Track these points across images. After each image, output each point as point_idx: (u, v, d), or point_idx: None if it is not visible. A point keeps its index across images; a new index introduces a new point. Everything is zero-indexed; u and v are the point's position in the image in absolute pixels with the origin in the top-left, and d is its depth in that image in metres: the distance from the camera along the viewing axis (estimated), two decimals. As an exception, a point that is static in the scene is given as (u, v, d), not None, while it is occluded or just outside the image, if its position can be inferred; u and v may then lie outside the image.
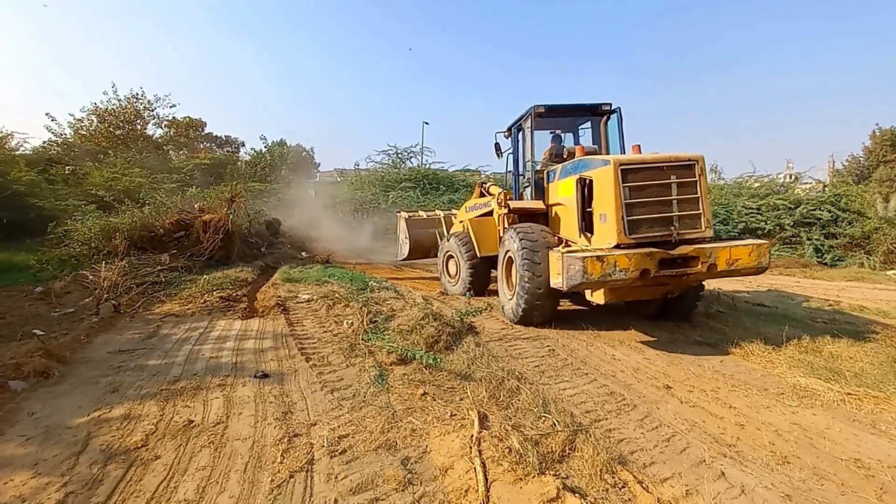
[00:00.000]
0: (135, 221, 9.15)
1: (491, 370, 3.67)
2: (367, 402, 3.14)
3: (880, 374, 3.61)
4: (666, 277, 4.32)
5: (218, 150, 36.85)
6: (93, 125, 24.54)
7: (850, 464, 2.47)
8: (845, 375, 3.61)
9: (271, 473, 2.28)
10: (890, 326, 5.24)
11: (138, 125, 27.09)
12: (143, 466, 2.34)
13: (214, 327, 5.22)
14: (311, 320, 5.65)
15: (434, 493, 2.13)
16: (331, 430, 2.74)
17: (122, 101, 25.44)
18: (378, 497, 2.10)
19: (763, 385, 3.58)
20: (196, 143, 34.56)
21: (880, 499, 2.16)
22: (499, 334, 5.15)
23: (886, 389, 3.31)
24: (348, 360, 4.04)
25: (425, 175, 23.14)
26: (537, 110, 6.01)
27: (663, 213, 4.47)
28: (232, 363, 3.96)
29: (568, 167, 5.41)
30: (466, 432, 2.65)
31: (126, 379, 3.55)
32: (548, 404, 3.04)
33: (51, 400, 3.16)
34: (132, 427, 2.75)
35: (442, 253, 8.33)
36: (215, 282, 7.45)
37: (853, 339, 4.52)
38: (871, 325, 5.27)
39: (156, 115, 27.75)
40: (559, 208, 5.70)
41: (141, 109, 26.70)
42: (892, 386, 3.36)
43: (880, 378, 3.50)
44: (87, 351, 4.25)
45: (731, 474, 2.34)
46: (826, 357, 4.08)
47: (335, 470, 2.32)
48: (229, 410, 3.01)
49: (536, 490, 2.08)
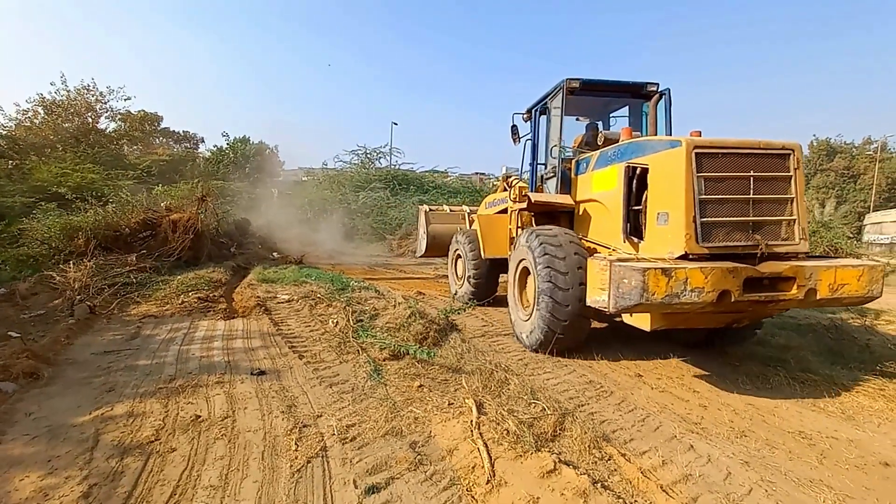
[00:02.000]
0: (99, 221, 8.82)
1: (480, 363, 3.91)
2: (367, 395, 3.31)
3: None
4: (748, 303, 3.22)
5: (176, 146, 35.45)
6: (38, 117, 23.10)
7: (796, 435, 2.88)
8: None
9: (289, 460, 2.43)
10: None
11: (90, 118, 25.72)
12: (160, 458, 2.43)
13: (198, 328, 5.20)
14: (295, 320, 5.73)
15: (444, 471, 2.35)
16: (337, 420, 2.90)
17: (72, 92, 24.07)
18: (393, 476, 2.30)
19: (720, 372, 4.02)
20: (152, 139, 33.08)
21: (821, 462, 2.55)
22: (481, 331, 5.42)
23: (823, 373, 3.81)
24: (341, 357, 4.18)
25: (395, 175, 23.23)
26: (570, 84, 4.92)
27: (746, 215, 3.40)
28: (225, 362, 4.02)
29: (609, 154, 4.40)
30: (465, 418, 2.87)
31: (119, 379, 3.55)
32: (535, 392, 3.32)
33: (45, 401, 3.14)
34: (139, 423, 2.81)
35: (450, 251, 7.73)
36: (189, 283, 7.32)
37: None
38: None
39: (109, 109, 26.41)
40: (591, 206, 4.74)
41: (93, 102, 25.35)
42: (827, 370, 3.87)
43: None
44: (70, 352, 4.18)
45: (698, 447, 2.69)
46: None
47: (349, 455, 2.50)
48: (234, 406, 3.11)
49: (536, 464, 2.34)
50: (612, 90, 5.36)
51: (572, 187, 5.11)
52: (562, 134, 5.15)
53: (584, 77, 4.94)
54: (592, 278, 3.53)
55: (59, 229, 8.54)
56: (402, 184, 22.48)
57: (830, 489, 2.27)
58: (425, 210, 9.25)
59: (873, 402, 3.42)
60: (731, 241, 3.38)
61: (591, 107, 5.64)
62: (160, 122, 34.33)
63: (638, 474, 2.35)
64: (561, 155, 5.18)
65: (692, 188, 3.33)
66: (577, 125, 5.93)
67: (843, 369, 4.08)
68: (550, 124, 5.46)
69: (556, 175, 5.28)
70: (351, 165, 25.17)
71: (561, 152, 5.16)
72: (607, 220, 4.39)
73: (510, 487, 2.18)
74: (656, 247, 3.62)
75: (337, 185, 21.96)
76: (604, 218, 4.49)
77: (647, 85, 5.20)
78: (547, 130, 5.57)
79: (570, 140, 5.58)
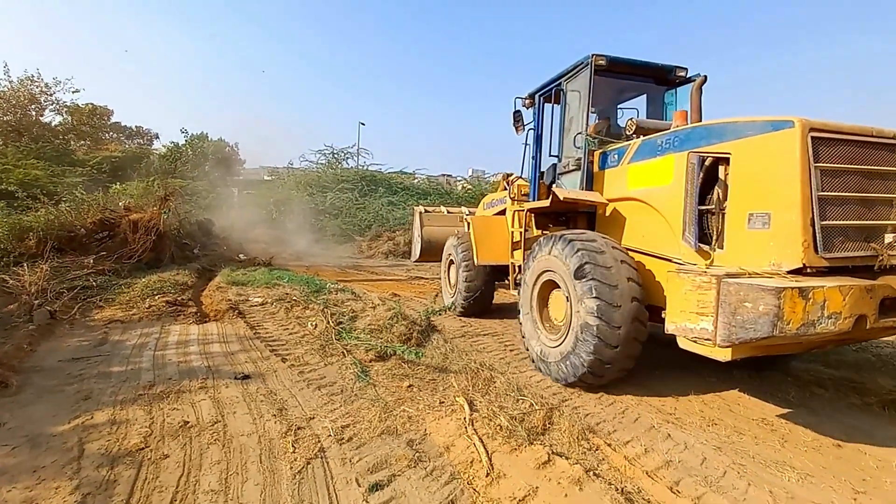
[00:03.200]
0: (52, 220, 8.33)
1: (465, 363, 4.02)
2: (357, 396, 3.34)
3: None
4: (880, 331, 2.74)
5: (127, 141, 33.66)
6: (-27, 109, 21.46)
7: (760, 422, 3.14)
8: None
9: (288, 462, 2.44)
10: None
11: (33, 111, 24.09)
12: (154, 465, 2.38)
13: (170, 332, 5.04)
14: (271, 323, 5.64)
15: (444, 466, 2.43)
16: (331, 421, 2.93)
17: (15, 83, 22.48)
18: (395, 473, 2.36)
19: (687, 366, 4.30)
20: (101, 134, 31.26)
21: (783, 445, 2.81)
22: (460, 331, 5.53)
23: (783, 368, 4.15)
24: (325, 360, 4.18)
25: (363, 176, 23.03)
26: (598, 61, 4.24)
27: (867, 218, 2.83)
28: (205, 367, 3.93)
29: (660, 142, 3.62)
30: (458, 416, 2.96)
31: (94, 386, 3.41)
32: (521, 389, 3.45)
33: (17, 410, 2.98)
34: (124, 431, 2.73)
35: (444, 256, 6.98)
36: (154, 286, 7.04)
37: None
38: None
39: (55, 101, 24.82)
40: (626, 206, 4.03)
41: (37, 93, 23.77)
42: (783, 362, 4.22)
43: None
44: (35, 360, 3.97)
45: (675, 435, 2.89)
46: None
47: (347, 455, 2.53)
48: (221, 410, 3.06)
49: (530, 456, 2.46)
50: (638, 72, 4.67)
51: (594, 184, 4.39)
52: (587, 120, 4.42)
53: (609, 55, 4.28)
54: (680, 299, 2.66)
55: (6, 229, 8.00)
56: (371, 185, 22.32)
57: (793, 469, 2.52)
58: (420, 211, 8.59)
59: (825, 391, 3.74)
60: (852, 251, 2.74)
61: (602, 93, 4.79)
62: (110, 116, 32.52)
63: (624, 462, 2.52)
64: (587, 145, 4.37)
65: (808, 182, 2.64)
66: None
67: (797, 362, 4.45)
68: (567, 110, 4.74)
69: (580, 168, 4.46)
70: (318, 165, 24.76)
71: (587, 143, 4.37)
72: (654, 222, 3.65)
73: (509, 479, 2.28)
74: (746, 257, 2.86)
75: (304, 186, 21.52)
76: (647, 220, 3.73)
77: (676, 69, 4.58)
78: (562, 118, 4.79)
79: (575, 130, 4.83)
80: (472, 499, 2.16)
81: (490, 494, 2.18)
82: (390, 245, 16.20)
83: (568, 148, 4.79)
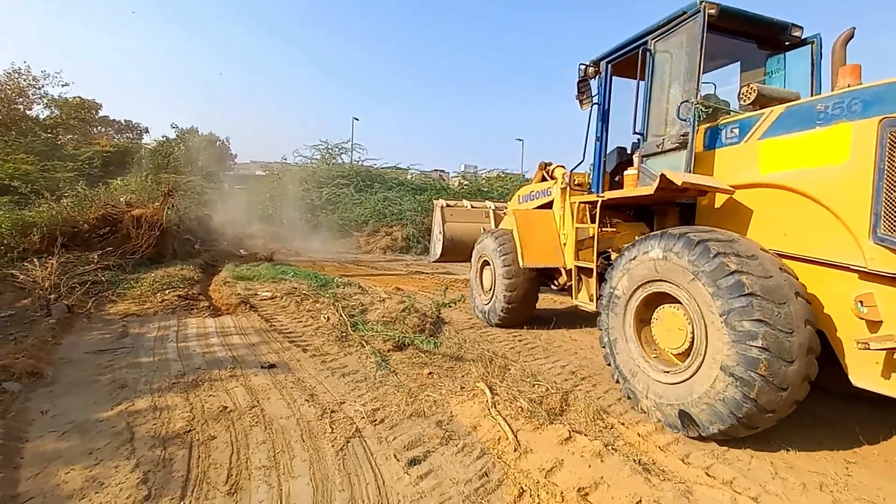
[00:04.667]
0: (55, 216, 8.35)
1: (479, 352, 4.21)
2: (381, 383, 3.52)
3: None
4: None
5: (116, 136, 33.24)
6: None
7: (757, 403, 3.38)
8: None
9: (329, 441, 2.61)
10: None
11: (20, 104, 23.70)
12: (204, 446, 2.54)
13: (187, 325, 5.16)
14: (284, 316, 5.78)
15: (473, 444, 2.62)
16: (361, 405, 3.11)
17: (2, 76, 22.11)
18: (429, 450, 2.55)
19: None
20: (90, 128, 30.83)
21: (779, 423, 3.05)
22: (468, 324, 5.72)
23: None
24: (344, 350, 4.34)
25: (358, 172, 23.07)
26: (710, 9, 3.33)
27: None
28: (230, 357, 4.07)
29: (818, 108, 2.81)
30: (480, 399, 3.16)
31: (127, 376, 3.55)
32: (535, 376, 3.67)
33: (56, 399, 3.12)
34: (168, 416, 2.88)
35: (475, 256, 6.08)
36: (163, 280, 7.13)
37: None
38: None
39: (43, 94, 24.44)
40: (754, 195, 3.18)
41: (25, 87, 23.38)
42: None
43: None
44: (61, 352, 4.08)
45: (682, 415, 3.12)
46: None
47: (383, 434, 2.72)
48: (256, 396, 3.22)
49: (553, 434, 2.67)
50: (747, 30, 3.77)
51: (700, 167, 3.47)
52: (698, 82, 3.41)
53: (721, 2, 3.39)
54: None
55: (9, 225, 8.02)
56: (366, 180, 22.38)
57: (791, 444, 2.76)
58: (441, 206, 7.77)
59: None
60: None
61: (706, 50, 3.75)
62: (99, 109, 32.07)
63: (638, 438, 2.74)
64: (697, 115, 3.40)
65: None
66: (625, 98, 4.33)
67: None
68: (656, 75, 3.80)
69: (682, 147, 3.48)
70: (312, 161, 24.75)
71: (697, 112, 3.39)
72: (808, 216, 2.81)
73: (536, 453, 2.49)
74: None
75: (300, 181, 21.51)
76: (796, 214, 2.90)
77: (792, 27, 3.74)
78: (648, 86, 3.82)
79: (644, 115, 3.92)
80: (504, 471, 2.36)
81: (520, 466, 2.38)
82: (388, 240, 16.34)
83: (656, 123, 3.81)
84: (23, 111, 23.78)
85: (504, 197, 16.08)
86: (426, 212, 17.23)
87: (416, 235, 16.29)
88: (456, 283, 9.52)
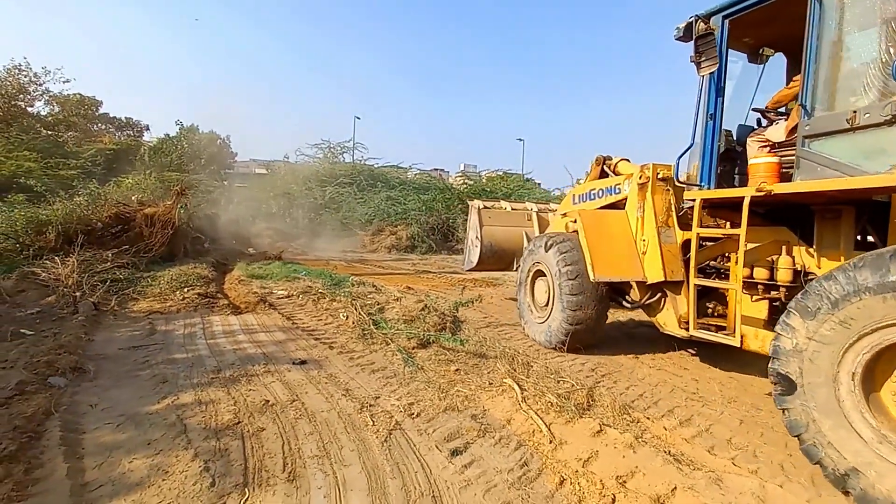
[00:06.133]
0: (70, 214, 8.44)
1: (500, 349, 4.36)
2: (412, 379, 3.66)
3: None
4: None
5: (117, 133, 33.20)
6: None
7: (772, 399, 3.54)
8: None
9: (373, 432, 2.75)
10: None
11: (21, 101, 23.69)
12: (255, 436, 2.67)
13: (212, 323, 5.29)
14: (303, 314, 5.92)
15: (509, 436, 2.77)
16: (396, 399, 3.24)
17: (2, 72, 22.10)
18: (468, 441, 2.69)
19: (702, 354, 4.70)
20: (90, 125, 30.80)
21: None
22: (484, 322, 5.87)
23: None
24: (369, 347, 4.48)
25: (361, 171, 23.20)
26: None
27: None
28: (261, 354, 4.20)
29: None
30: (509, 395, 3.30)
31: (166, 371, 3.67)
32: (558, 372, 3.82)
33: (102, 393, 3.24)
34: (214, 409, 3.01)
35: (525, 265, 5.10)
36: (180, 279, 7.24)
37: None
38: None
39: (45, 91, 24.45)
40: None
41: (26, 83, 23.37)
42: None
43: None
44: (96, 348, 4.20)
45: (702, 411, 3.27)
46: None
47: (422, 427, 2.86)
48: (294, 391, 3.36)
49: (584, 427, 2.81)
50: None
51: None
52: None
53: None
54: None
55: (24, 223, 8.11)
56: (369, 179, 22.51)
57: (807, 436, 2.91)
58: (478, 207, 6.90)
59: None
60: None
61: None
62: (98, 106, 32.02)
63: (664, 431, 2.89)
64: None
65: None
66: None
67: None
68: (828, 25, 2.74)
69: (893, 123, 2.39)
70: (314, 159, 24.85)
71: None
72: None
73: (570, 445, 2.63)
74: None
75: (303, 180, 21.60)
76: None
77: None
78: (813, 42, 2.79)
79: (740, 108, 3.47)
80: (542, 461, 2.50)
81: (557, 457, 2.53)
82: (393, 239, 16.47)
83: (839, 91, 2.75)
84: (24, 108, 23.77)
85: (508, 197, 16.22)
86: (430, 211, 17.37)
87: (420, 235, 16.43)
88: (463, 281, 9.66)
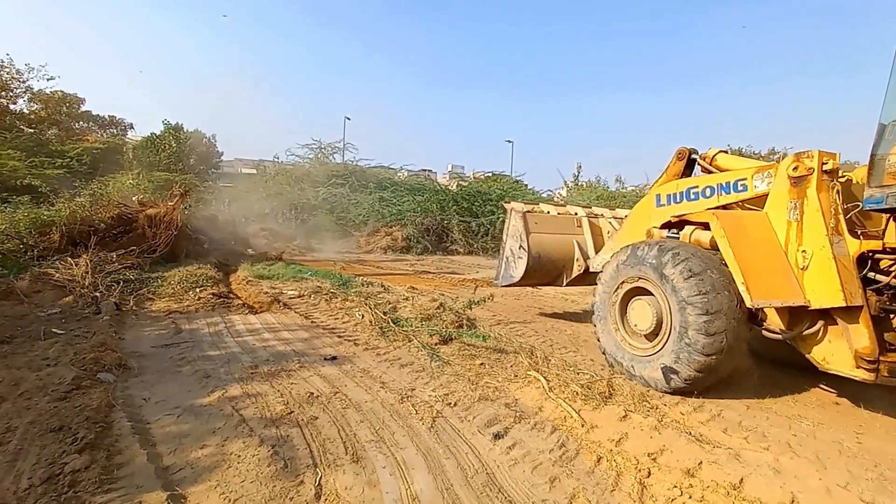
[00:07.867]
0: (73, 215, 8.44)
1: (517, 345, 4.61)
2: (441, 373, 3.89)
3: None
4: None
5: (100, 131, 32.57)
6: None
7: (774, 387, 3.87)
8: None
9: (418, 420, 2.98)
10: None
11: (3, 98, 23.15)
12: (310, 425, 2.87)
13: (233, 322, 5.43)
14: (319, 313, 6.09)
15: (543, 422, 3.02)
16: (432, 391, 3.47)
17: (-16, 68, 21.58)
18: (507, 426, 2.93)
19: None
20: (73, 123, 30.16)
21: (795, 403, 3.55)
22: (495, 320, 6.13)
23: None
24: (392, 344, 4.69)
25: (353, 171, 23.26)
26: None
27: None
28: (290, 350, 4.38)
29: None
30: (536, 385, 3.56)
31: (205, 367, 3.83)
32: (576, 365, 4.09)
33: (151, 388, 3.39)
34: (265, 401, 3.19)
35: (612, 281, 4.06)
36: (189, 279, 7.33)
37: None
38: None
39: (27, 89, 23.92)
40: None
41: (8, 80, 22.85)
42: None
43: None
44: (129, 346, 4.31)
45: (712, 398, 3.58)
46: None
47: (461, 415, 3.09)
48: (333, 384, 3.56)
49: (611, 413, 3.09)
50: None
51: None
52: None
53: None
54: None
55: (27, 224, 8.09)
56: (361, 180, 22.59)
57: (807, 419, 3.25)
58: (522, 212, 5.84)
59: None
60: None
61: None
62: (81, 104, 31.36)
63: (681, 416, 3.18)
64: None
65: None
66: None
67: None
68: None
69: None
70: (305, 160, 24.82)
71: None
72: None
73: (601, 429, 2.90)
74: None
75: (295, 181, 21.58)
76: None
77: None
78: None
79: None
80: (578, 442, 2.76)
81: (591, 438, 2.79)
82: (388, 240, 16.63)
83: None
84: (6, 105, 23.23)
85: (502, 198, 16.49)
86: (425, 212, 17.57)
87: (415, 236, 16.62)
88: (465, 282, 9.91)
